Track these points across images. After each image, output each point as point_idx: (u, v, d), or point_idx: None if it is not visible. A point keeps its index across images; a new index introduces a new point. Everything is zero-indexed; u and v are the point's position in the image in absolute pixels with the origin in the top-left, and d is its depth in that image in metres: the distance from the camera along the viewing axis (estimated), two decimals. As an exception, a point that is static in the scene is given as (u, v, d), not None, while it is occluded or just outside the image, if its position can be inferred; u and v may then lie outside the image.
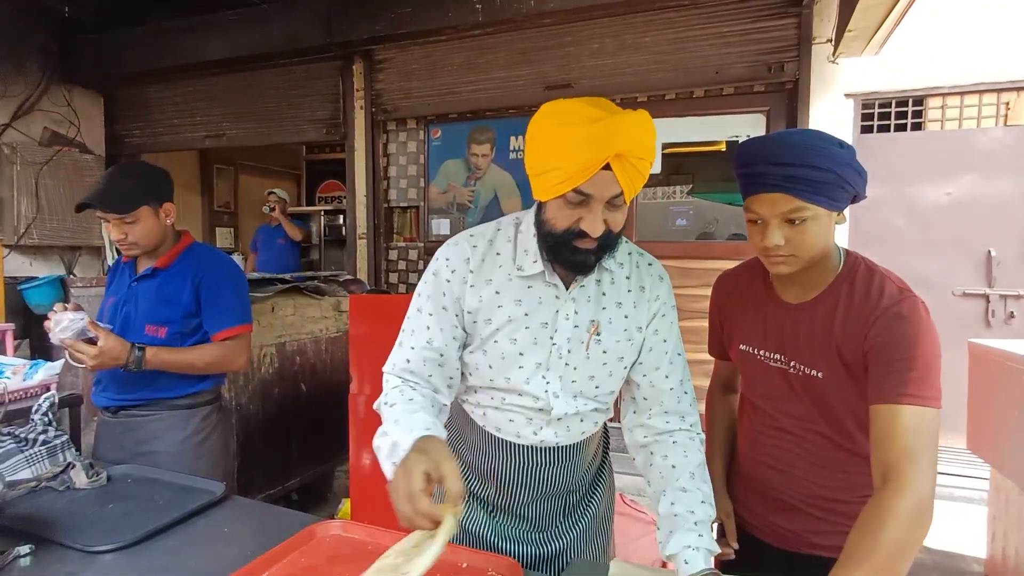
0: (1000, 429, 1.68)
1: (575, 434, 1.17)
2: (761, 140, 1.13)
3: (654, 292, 1.15)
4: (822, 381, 1.13)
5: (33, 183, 4.84)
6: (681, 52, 3.92)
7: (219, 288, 1.79)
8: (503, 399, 1.14)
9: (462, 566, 1.06)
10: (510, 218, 1.17)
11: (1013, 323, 3.46)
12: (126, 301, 1.79)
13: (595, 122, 0.92)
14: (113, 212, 1.71)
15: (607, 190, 0.96)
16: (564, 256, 1.03)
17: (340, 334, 3.44)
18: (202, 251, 1.87)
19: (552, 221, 1.02)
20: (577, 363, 1.11)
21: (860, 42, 3.23)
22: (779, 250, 1.08)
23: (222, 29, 4.68)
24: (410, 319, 1.15)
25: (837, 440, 1.16)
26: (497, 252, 1.12)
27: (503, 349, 1.10)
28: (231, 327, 1.80)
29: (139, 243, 1.75)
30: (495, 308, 1.10)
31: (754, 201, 1.10)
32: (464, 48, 4.42)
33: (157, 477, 1.49)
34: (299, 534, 1.13)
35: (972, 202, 3.49)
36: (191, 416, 1.80)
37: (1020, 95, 3.46)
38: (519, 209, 4.46)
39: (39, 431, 1.46)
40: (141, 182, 1.75)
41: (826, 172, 1.03)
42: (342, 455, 3.30)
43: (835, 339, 1.10)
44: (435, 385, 1.13)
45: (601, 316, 1.11)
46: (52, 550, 1.12)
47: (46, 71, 5.01)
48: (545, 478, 1.18)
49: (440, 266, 1.13)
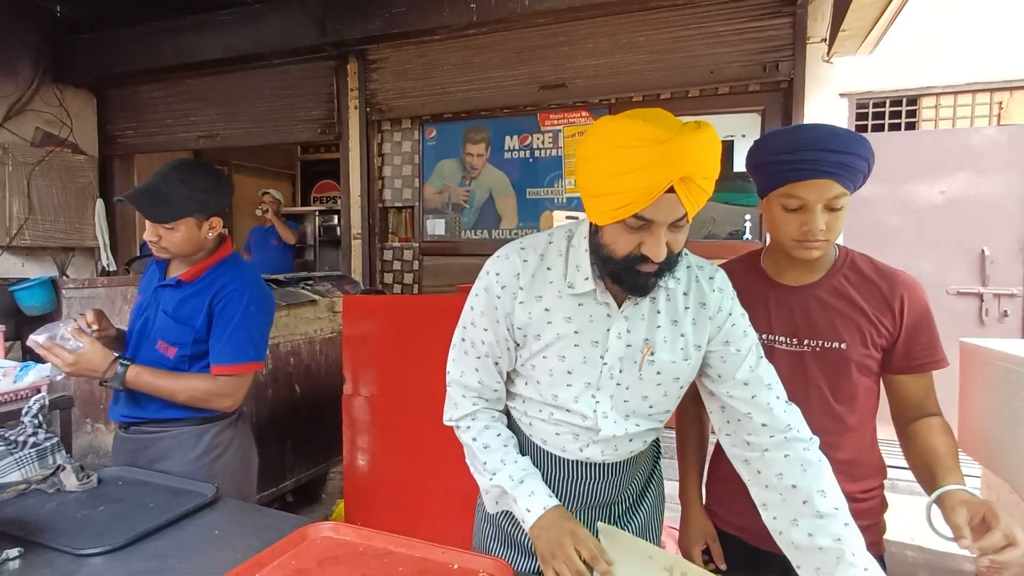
0: (991, 428, 1.69)
1: (623, 453, 1.14)
2: (798, 129, 1.16)
3: (716, 305, 1.08)
4: (845, 352, 1.18)
5: (25, 184, 4.82)
6: (676, 51, 3.93)
7: (231, 317, 1.61)
8: (551, 413, 1.11)
9: (453, 567, 1.05)
10: (562, 230, 1.11)
11: (1007, 321, 3.47)
12: (148, 305, 1.69)
13: (659, 144, 0.84)
14: (152, 219, 1.57)
15: (671, 214, 0.90)
16: (626, 281, 0.98)
17: (334, 335, 3.43)
18: (230, 270, 1.67)
19: (612, 246, 0.96)
20: (629, 383, 1.07)
21: (854, 41, 3.24)
22: (819, 235, 1.11)
23: (216, 29, 4.66)
24: (465, 330, 1.13)
25: (841, 417, 1.20)
26: (548, 267, 1.07)
27: (551, 366, 1.07)
28: (233, 364, 1.61)
29: (171, 250, 1.61)
30: (544, 324, 1.06)
31: (799, 187, 1.11)
32: (459, 48, 4.42)
33: (148, 479, 1.48)
34: (289, 536, 1.12)
35: (966, 201, 3.51)
36: (203, 433, 1.65)
37: (1013, 95, 3.47)
38: (514, 208, 4.51)
39: (29, 433, 1.45)
40: (196, 191, 1.58)
41: (864, 161, 1.09)
42: (336, 456, 3.29)
43: (863, 311, 1.17)
44: (501, 396, 1.17)
45: (656, 335, 1.06)
46: (41, 553, 1.11)
47: (38, 71, 4.99)
48: (588, 492, 1.16)
49: (491, 281, 1.08)
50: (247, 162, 7.86)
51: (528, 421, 1.16)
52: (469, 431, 1.14)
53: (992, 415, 1.70)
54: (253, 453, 1.82)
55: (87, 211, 5.25)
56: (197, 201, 1.58)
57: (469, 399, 1.15)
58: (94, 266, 5.40)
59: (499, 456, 1.11)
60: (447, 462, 2.38)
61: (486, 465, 1.10)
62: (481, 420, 1.15)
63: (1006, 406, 1.70)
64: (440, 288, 4.64)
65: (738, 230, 4.02)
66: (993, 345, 1.72)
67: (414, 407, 2.38)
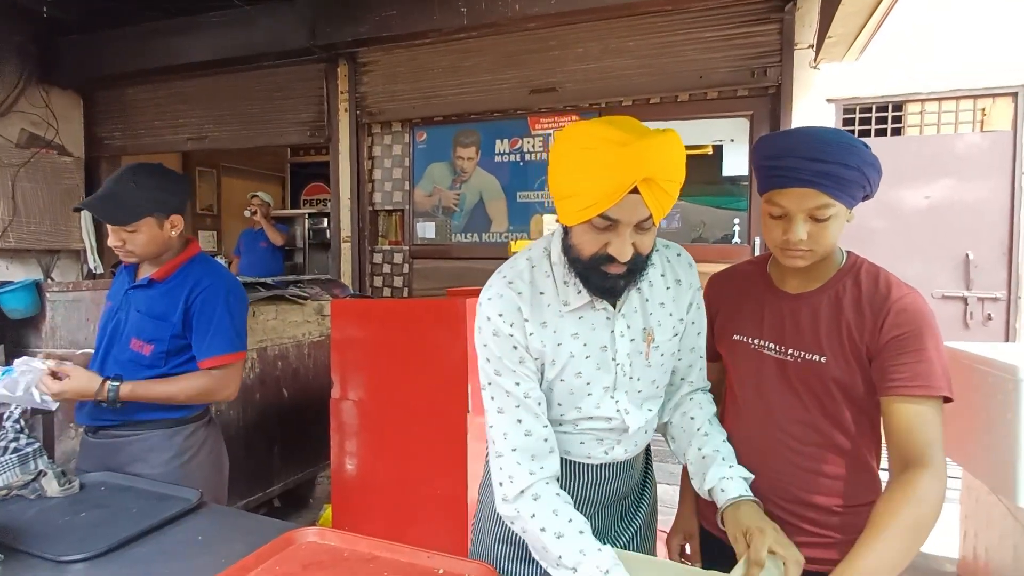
0: (970, 431, 1.71)
1: (641, 445, 1.19)
2: (789, 134, 1.14)
3: (688, 281, 1.17)
4: (824, 366, 1.13)
5: (10, 185, 4.77)
6: (665, 56, 3.95)
7: (213, 310, 1.64)
8: (575, 425, 1.12)
9: (438, 572, 1.05)
10: (538, 249, 1.12)
11: (990, 325, 3.51)
12: (119, 308, 1.70)
13: (623, 146, 0.89)
14: (111, 223, 1.59)
15: (635, 214, 0.93)
16: (594, 282, 1.01)
17: (323, 338, 3.42)
18: (202, 266, 1.71)
19: (579, 247, 1.00)
20: (640, 374, 1.11)
21: (841, 48, 3.28)
22: (800, 244, 1.09)
23: (205, 31, 4.63)
24: (491, 385, 1.07)
25: (828, 433, 1.15)
26: (541, 292, 1.08)
27: (571, 385, 1.08)
28: (222, 355, 1.64)
29: (136, 252, 1.63)
30: (556, 348, 1.07)
31: (780, 195, 1.10)
32: (449, 51, 4.42)
33: (131, 485, 1.47)
34: (274, 541, 1.11)
35: (950, 206, 3.55)
36: (174, 435, 1.66)
37: (996, 101, 3.52)
38: (505, 212, 4.52)
39: (10, 439, 1.43)
40: (150, 191, 1.60)
41: (854, 170, 1.05)
42: (324, 460, 3.27)
43: (846, 325, 1.12)
44: (552, 445, 1.06)
45: (651, 322, 1.12)
46: (21, 559, 1.10)
47: (23, 72, 4.94)
48: (609, 491, 1.18)
49: (497, 325, 1.05)
50: (236, 165, 7.82)
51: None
52: (535, 520, 1.00)
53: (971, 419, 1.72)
54: (225, 455, 1.84)
55: (73, 214, 5.20)
56: (153, 200, 1.61)
57: (524, 468, 1.03)
58: (79, 269, 5.35)
59: (576, 546, 0.97)
60: (436, 466, 2.37)
61: (562, 560, 0.97)
62: (546, 502, 1.01)
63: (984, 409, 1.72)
64: (430, 291, 4.64)
65: (727, 234, 4.04)
66: (972, 349, 1.75)
67: (402, 411, 2.37)
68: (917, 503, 0.97)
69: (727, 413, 1.36)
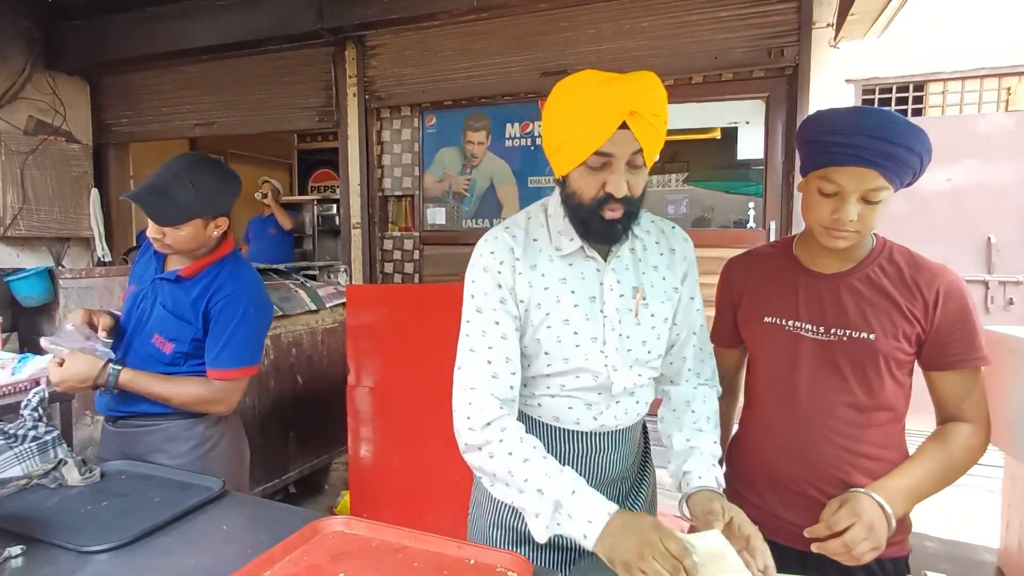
0: (1012, 416, 1.67)
1: (632, 415, 1.19)
2: (853, 111, 1.12)
3: (682, 252, 1.20)
4: (874, 343, 1.14)
5: (18, 173, 4.74)
6: (679, 37, 3.86)
7: (229, 320, 1.57)
8: (561, 386, 1.13)
9: (470, 562, 1.02)
10: (536, 205, 1.20)
11: (1012, 309, 3.46)
12: (144, 296, 1.64)
13: (606, 83, 0.97)
14: (159, 222, 1.52)
15: (627, 147, 0.99)
16: (594, 227, 1.06)
17: (336, 325, 3.40)
18: (230, 269, 1.64)
19: (579, 193, 1.05)
20: (629, 332, 1.13)
21: (863, 25, 3.19)
22: (849, 225, 1.08)
23: (211, 15, 4.57)
24: (470, 323, 1.11)
25: (868, 411, 1.16)
26: (535, 239, 1.14)
27: (558, 332, 1.10)
28: (229, 368, 1.58)
29: (174, 247, 1.57)
30: (543, 291, 1.11)
31: (838, 172, 1.08)
32: (459, 34, 4.34)
33: (152, 474, 1.45)
34: (301, 531, 1.09)
35: (972, 188, 3.48)
36: (195, 425, 1.62)
37: (1021, 80, 3.43)
38: (516, 197, 4.46)
39: (29, 427, 1.41)
40: (206, 192, 1.53)
41: (916, 156, 1.04)
42: (340, 447, 3.27)
43: (895, 303, 1.14)
44: (515, 397, 1.10)
45: (643, 281, 1.15)
46: (44, 550, 1.08)
47: (30, 58, 4.89)
48: (604, 464, 1.18)
49: (487, 261, 1.12)
50: (244, 151, 7.77)
51: (536, 403, 1.16)
52: (503, 444, 1.03)
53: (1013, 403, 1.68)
54: (245, 445, 1.80)
55: (82, 201, 5.18)
56: (206, 203, 1.54)
57: (494, 403, 1.06)
58: (90, 256, 5.34)
59: (542, 469, 1.00)
60: (453, 452, 2.36)
61: (528, 482, 0.99)
62: (513, 431, 1.05)
63: (1025, 393, 1.68)
64: (441, 277, 4.60)
65: (742, 219, 3.98)
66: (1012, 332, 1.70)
67: (418, 397, 2.36)
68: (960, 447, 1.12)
69: (751, 400, 1.34)
